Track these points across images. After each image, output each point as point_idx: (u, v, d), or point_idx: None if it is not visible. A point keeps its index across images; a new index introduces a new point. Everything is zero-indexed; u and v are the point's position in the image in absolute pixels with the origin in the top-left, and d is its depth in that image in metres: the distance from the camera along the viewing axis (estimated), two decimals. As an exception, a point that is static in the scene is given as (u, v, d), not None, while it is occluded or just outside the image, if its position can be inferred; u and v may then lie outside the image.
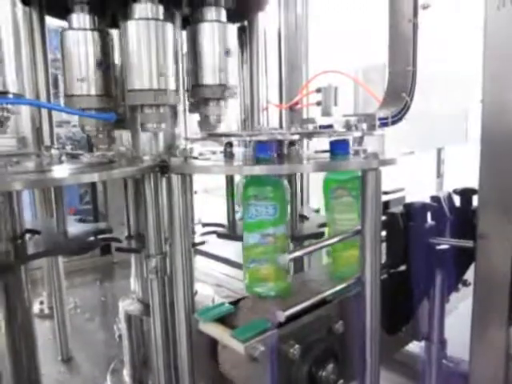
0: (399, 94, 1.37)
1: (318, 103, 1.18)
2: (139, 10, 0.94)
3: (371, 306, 0.89)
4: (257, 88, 1.31)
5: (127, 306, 1.24)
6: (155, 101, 0.92)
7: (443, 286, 1.04)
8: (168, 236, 0.92)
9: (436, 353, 1.11)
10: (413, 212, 0.94)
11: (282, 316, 0.75)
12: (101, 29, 1.01)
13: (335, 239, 0.88)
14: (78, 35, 0.97)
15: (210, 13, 1.05)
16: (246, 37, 1.32)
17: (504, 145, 0.87)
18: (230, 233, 1.15)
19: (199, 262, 2.44)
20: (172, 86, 0.97)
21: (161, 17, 0.95)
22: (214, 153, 1.04)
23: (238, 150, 0.92)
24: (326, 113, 1.15)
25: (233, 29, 1.08)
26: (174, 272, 0.89)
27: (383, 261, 0.97)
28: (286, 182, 0.93)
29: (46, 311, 1.86)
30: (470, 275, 1.06)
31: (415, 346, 1.23)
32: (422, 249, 0.95)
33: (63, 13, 1.03)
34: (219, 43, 1.04)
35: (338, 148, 0.92)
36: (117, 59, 1.06)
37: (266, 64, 1.35)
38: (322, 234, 1.15)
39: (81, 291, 2.12)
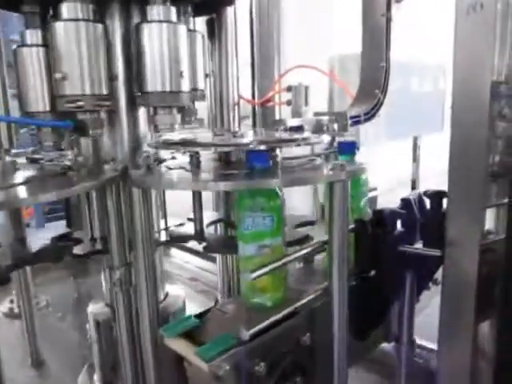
0: (372, 91, 1.35)
1: (289, 102, 1.15)
2: (67, 10, 0.87)
3: (339, 316, 0.88)
4: (226, 84, 1.26)
5: (95, 310, 1.21)
6: (89, 107, 0.86)
7: (412, 289, 1.04)
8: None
9: (406, 353, 1.12)
10: (382, 219, 0.93)
11: (246, 335, 0.73)
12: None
13: (303, 252, 0.86)
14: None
15: (156, 11, 0.93)
16: (215, 30, 1.27)
17: (472, 154, 0.86)
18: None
19: (175, 254, 2.42)
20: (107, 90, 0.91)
21: (88, 16, 0.89)
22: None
23: (205, 157, 0.89)
24: (296, 113, 1.12)
25: (184, 29, 0.97)
26: (137, 284, 0.87)
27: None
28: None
29: (16, 310, 1.81)
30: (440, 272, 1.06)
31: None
32: (391, 255, 0.94)
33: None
34: (168, 46, 0.93)
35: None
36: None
37: (237, 57, 1.31)
38: (306, 239, 1.10)
39: (53, 288, 2.07)
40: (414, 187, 3.84)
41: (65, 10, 0.85)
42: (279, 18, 1.49)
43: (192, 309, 1.46)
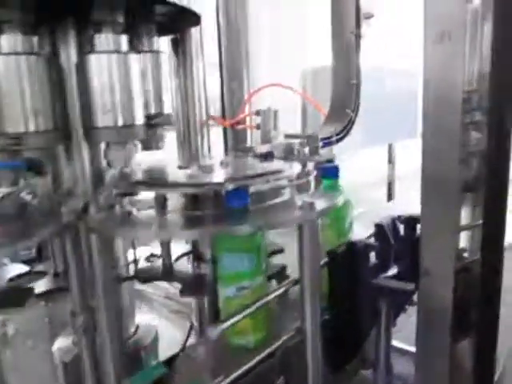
0: (343, 109, 1.33)
1: (258, 127, 1.11)
2: (7, 42, 0.81)
3: (312, 354, 0.85)
4: (193, 104, 1.21)
5: (62, 349, 1.15)
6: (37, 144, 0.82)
7: (388, 318, 1.03)
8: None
9: (383, 380, 1.10)
10: (355, 252, 0.90)
11: (214, 388, 0.70)
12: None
13: (280, 291, 0.84)
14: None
15: (104, 40, 0.86)
16: (178, 50, 1.22)
17: (443, 182, 0.84)
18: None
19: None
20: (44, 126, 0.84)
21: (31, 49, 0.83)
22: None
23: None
24: (265, 139, 1.08)
25: (136, 59, 0.90)
26: (99, 333, 0.82)
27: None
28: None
29: (-17, 340, 1.73)
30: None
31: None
32: (365, 288, 0.92)
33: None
34: (118, 78, 0.86)
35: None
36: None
37: (205, 76, 1.26)
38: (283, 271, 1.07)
39: (23, 314, 1.98)
40: (390, 188, 3.90)
41: (4, 42, 0.79)
42: (247, 33, 1.45)
43: (167, 332, 1.42)
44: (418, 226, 1.07)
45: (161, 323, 1.35)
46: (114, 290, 0.83)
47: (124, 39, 0.90)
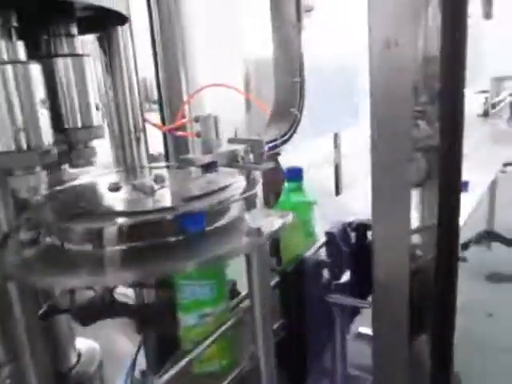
0: (287, 108, 1.27)
1: (198, 135, 1.03)
2: None
3: (267, 377, 0.81)
4: (125, 110, 1.10)
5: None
6: None
7: (343, 327, 1.00)
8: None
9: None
10: (306, 270, 0.86)
11: None
12: None
13: (233, 319, 0.78)
14: None
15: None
16: (105, 49, 1.10)
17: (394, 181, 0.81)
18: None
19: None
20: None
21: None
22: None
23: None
24: (206, 149, 1.00)
25: (38, 69, 0.77)
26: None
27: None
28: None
29: None
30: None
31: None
32: (318, 305, 0.88)
33: None
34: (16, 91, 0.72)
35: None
36: None
37: (137, 77, 1.15)
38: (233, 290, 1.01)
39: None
40: (336, 169, 3.97)
41: None
42: (183, 29, 1.35)
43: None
44: (369, 233, 1.05)
45: (107, 340, 1.26)
46: (41, 331, 0.73)
47: (21, 46, 0.78)
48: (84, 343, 1.20)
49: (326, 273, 0.99)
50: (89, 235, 0.68)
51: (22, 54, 0.77)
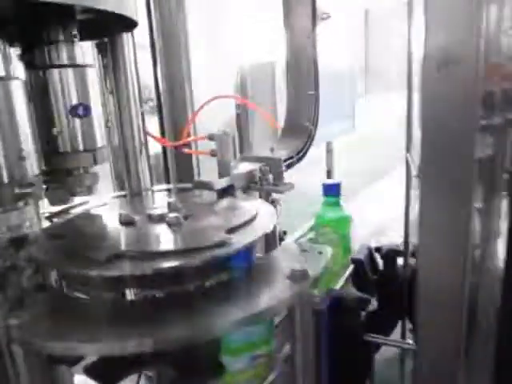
0: (301, 122, 1.19)
1: (213, 154, 0.94)
2: None
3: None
4: (129, 124, 1.00)
5: None
6: None
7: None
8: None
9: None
10: (348, 308, 0.78)
11: None
12: None
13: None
14: None
15: None
16: (108, 58, 1.00)
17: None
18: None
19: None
20: None
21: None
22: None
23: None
24: (223, 171, 0.91)
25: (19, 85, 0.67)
26: None
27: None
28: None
29: None
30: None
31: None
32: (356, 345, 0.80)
33: None
34: None
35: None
36: None
37: (139, 89, 1.05)
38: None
39: None
40: (328, 174, 3.90)
41: None
42: (186, 38, 1.25)
43: None
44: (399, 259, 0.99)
45: None
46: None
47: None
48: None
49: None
50: (121, 283, 0.58)
51: None
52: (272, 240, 0.90)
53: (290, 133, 1.19)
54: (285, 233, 1.07)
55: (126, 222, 0.71)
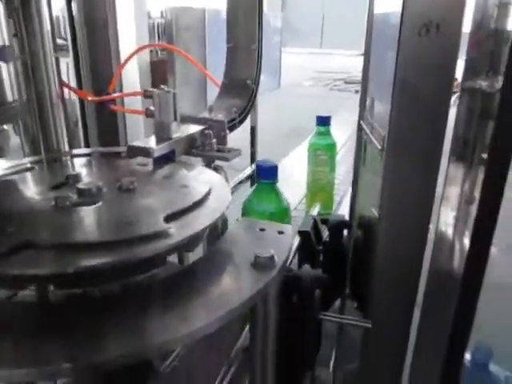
0: (242, 80, 1.09)
1: (149, 114, 0.81)
2: None
3: None
4: (45, 74, 0.82)
5: None
6: None
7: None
8: None
9: None
10: (300, 288, 0.73)
11: None
12: None
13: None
14: None
15: None
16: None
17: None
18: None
19: None
20: None
21: None
22: None
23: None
24: (164, 135, 0.79)
25: None
26: None
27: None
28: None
29: None
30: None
31: None
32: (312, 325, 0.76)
33: None
34: None
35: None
36: None
37: (53, 26, 0.86)
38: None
39: None
40: (252, 131, 3.84)
41: None
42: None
43: None
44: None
45: None
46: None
47: None
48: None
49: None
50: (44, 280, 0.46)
51: None
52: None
53: (230, 90, 1.08)
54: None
55: (40, 199, 0.58)
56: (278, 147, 2.67)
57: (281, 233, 0.64)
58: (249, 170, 1.61)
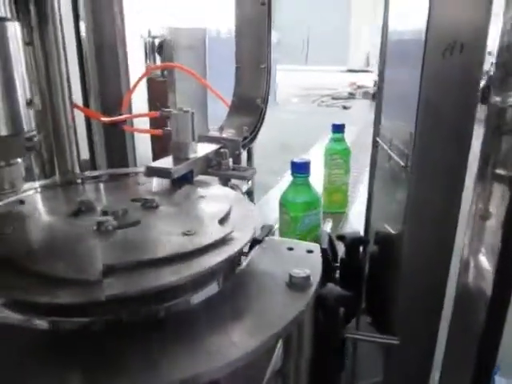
0: (251, 99, 1.09)
1: (168, 135, 0.80)
2: None
3: None
4: (61, 97, 0.81)
5: None
6: None
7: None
8: None
9: None
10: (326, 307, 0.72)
11: None
12: None
13: None
14: None
15: None
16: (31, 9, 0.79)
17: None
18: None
19: None
20: None
21: None
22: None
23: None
24: (181, 155, 0.79)
25: None
26: None
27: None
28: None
29: None
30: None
31: None
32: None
33: None
34: None
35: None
36: None
37: (65, 51, 0.86)
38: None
39: None
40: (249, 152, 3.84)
41: None
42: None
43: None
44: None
45: None
46: None
47: None
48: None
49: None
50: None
51: None
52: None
53: (239, 110, 1.09)
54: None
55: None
56: (275, 162, 2.70)
57: (310, 251, 0.64)
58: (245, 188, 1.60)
